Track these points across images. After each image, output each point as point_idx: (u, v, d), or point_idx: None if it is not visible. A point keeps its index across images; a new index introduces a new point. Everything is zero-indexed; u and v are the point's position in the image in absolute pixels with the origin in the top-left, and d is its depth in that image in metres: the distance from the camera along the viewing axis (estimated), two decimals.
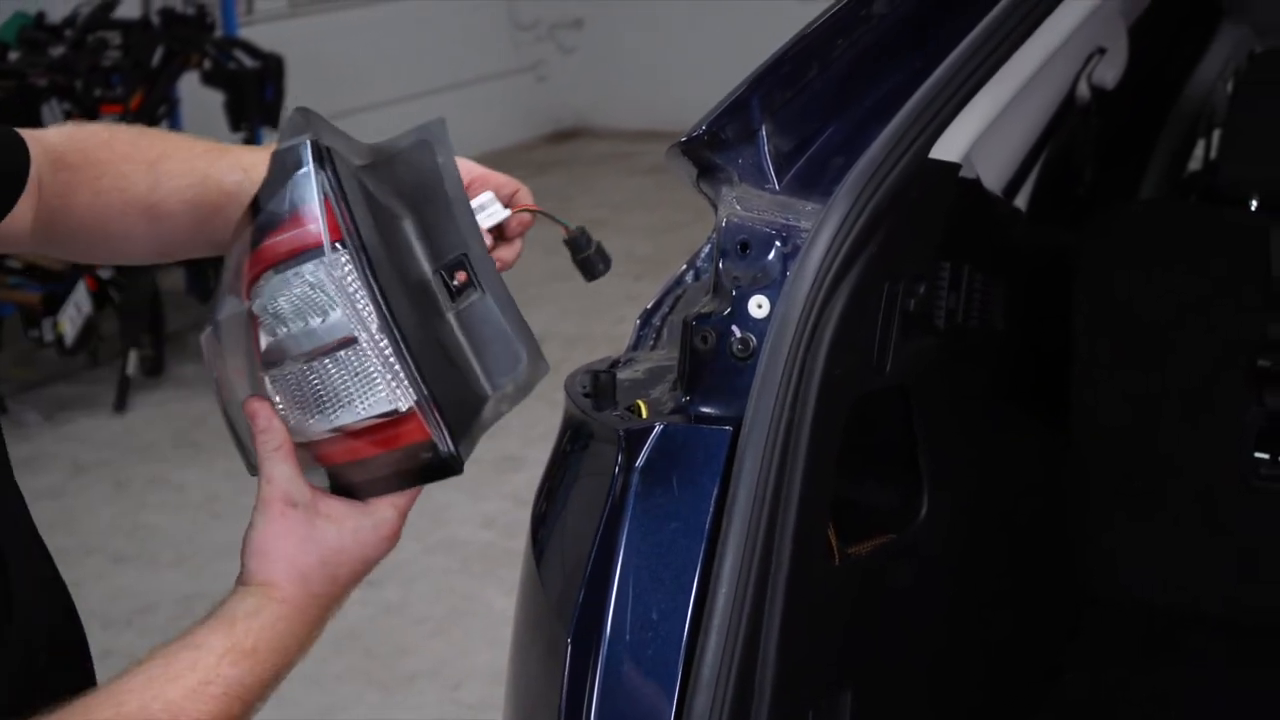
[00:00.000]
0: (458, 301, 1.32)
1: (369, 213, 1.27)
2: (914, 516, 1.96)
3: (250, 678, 1.28)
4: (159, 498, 5.38)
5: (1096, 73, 2.64)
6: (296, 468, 1.31)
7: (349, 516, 1.32)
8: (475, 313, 1.32)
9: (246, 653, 1.27)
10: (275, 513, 1.31)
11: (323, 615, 1.34)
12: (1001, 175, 2.50)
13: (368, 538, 1.32)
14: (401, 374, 1.23)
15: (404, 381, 1.23)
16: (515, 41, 10.97)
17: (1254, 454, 2.72)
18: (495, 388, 1.31)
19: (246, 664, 1.27)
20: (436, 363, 1.25)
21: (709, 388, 1.66)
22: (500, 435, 5.66)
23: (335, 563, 1.32)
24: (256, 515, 1.32)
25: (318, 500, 1.31)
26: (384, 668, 4.27)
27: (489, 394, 1.30)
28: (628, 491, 1.60)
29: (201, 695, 1.24)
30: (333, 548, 1.31)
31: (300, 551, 1.31)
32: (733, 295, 1.65)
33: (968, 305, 2.22)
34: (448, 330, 1.29)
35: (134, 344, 6.24)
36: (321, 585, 1.32)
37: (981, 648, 2.28)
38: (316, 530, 1.31)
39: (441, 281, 1.32)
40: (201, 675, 1.25)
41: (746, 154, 1.70)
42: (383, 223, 1.28)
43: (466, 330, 1.31)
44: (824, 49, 1.78)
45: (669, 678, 1.55)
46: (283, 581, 1.30)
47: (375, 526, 1.33)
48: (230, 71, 6.77)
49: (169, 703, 1.23)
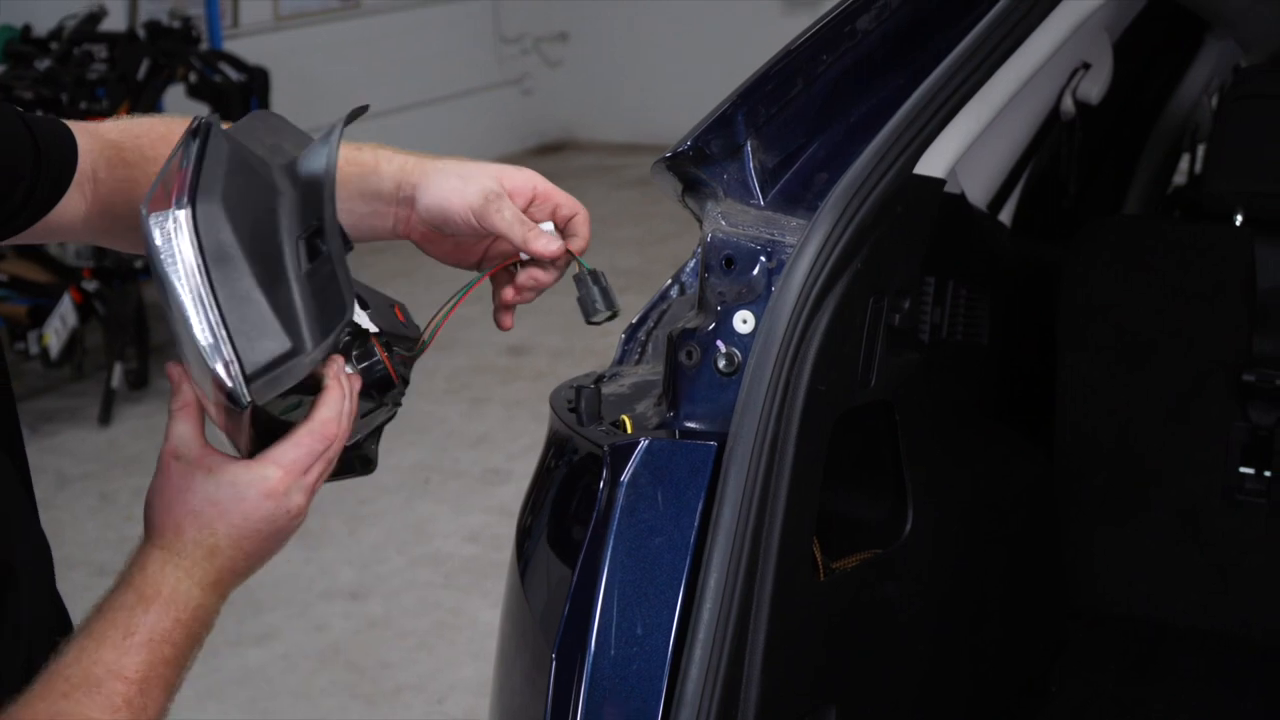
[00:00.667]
0: (307, 264, 1.38)
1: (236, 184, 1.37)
2: (899, 531, 1.96)
3: (166, 620, 1.34)
4: None
5: (1081, 87, 2.65)
6: (196, 427, 1.39)
7: (227, 470, 1.37)
8: (318, 274, 1.38)
9: (150, 598, 1.34)
10: (162, 466, 1.40)
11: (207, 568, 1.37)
12: (986, 190, 2.51)
13: (243, 491, 1.37)
14: (202, 321, 1.31)
15: (206, 328, 1.31)
16: (500, 55, 10.98)
17: (1239, 469, 2.72)
18: (316, 341, 1.36)
19: (155, 608, 1.34)
20: (246, 312, 1.32)
21: (694, 403, 1.66)
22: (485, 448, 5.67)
23: (209, 513, 1.37)
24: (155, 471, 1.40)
25: (205, 456, 1.38)
26: (369, 681, 4.26)
27: (308, 348, 1.35)
28: (613, 506, 1.60)
29: (129, 647, 1.31)
30: (206, 498, 1.37)
31: (176, 500, 1.37)
32: (718, 310, 1.65)
33: (952, 320, 2.22)
34: (286, 288, 1.36)
35: (119, 357, 6.23)
36: (197, 533, 1.36)
37: (967, 662, 2.28)
38: (194, 481, 1.37)
39: (301, 246, 1.39)
40: (122, 630, 1.32)
41: (731, 169, 1.71)
42: (249, 194, 1.38)
43: (308, 289, 1.37)
44: (809, 65, 1.78)
45: (653, 692, 1.55)
46: (159, 528, 1.38)
47: (252, 482, 1.37)
48: (216, 85, 6.77)
49: (107, 664, 1.30)
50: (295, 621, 4.46)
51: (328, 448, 1.40)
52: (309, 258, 1.39)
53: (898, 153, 1.66)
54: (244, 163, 1.40)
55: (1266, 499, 2.71)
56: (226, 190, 1.35)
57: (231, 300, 1.32)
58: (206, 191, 1.34)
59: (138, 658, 1.31)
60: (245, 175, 1.39)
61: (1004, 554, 2.42)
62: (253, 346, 1.32)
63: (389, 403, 1.51)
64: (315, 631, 4.48)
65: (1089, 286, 2.80)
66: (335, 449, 1.41)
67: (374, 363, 1.47)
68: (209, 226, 1.33)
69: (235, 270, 1.33)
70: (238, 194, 1.36)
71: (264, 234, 1.38)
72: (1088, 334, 2.80)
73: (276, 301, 1.35)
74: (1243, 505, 2.73)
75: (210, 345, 1.30)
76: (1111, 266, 2.80)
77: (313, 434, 1.38)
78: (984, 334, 2.38)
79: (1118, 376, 2.80)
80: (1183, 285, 2.76)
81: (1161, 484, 2.81)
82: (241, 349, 1.31)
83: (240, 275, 1.33)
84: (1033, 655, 2.64)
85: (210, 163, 1.36)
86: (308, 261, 1.38)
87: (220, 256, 1.32)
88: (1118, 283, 2.80)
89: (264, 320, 1.33)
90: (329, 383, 1.40)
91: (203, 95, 6.81)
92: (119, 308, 6.23)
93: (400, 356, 1.50)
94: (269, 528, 1.39)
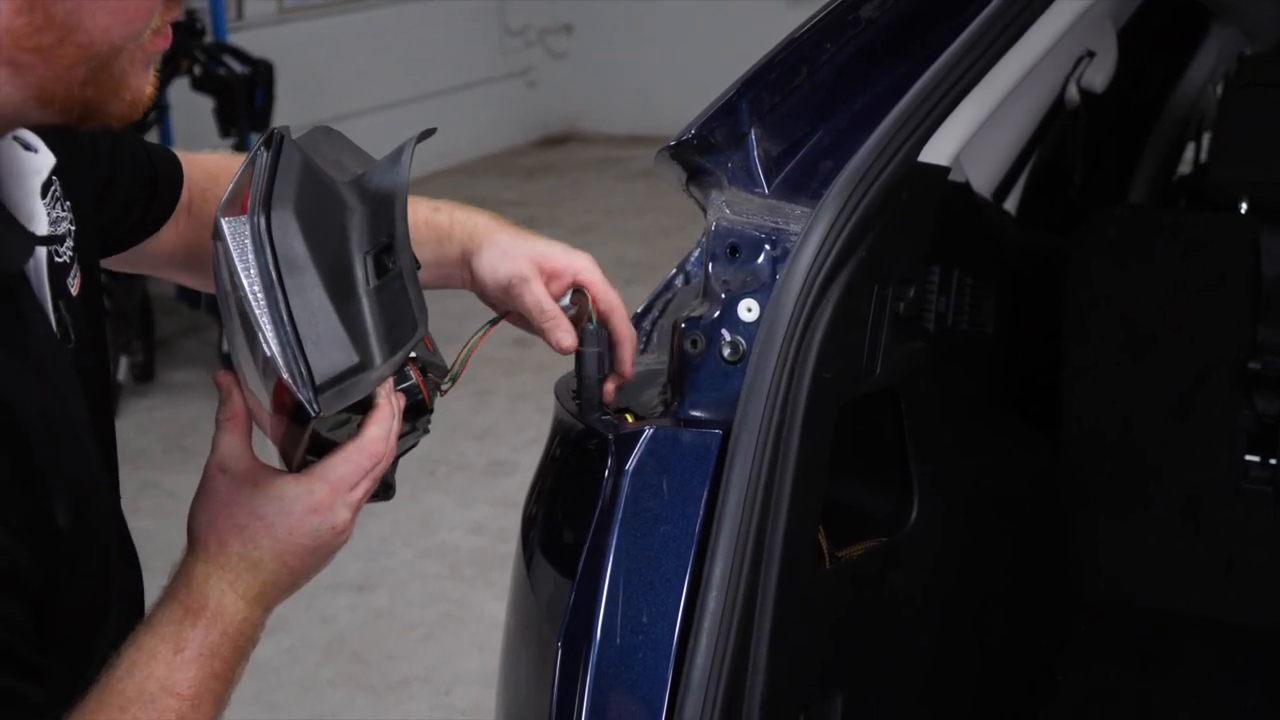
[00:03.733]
0: (376, 279, 1.38)
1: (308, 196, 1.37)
2: (905, 520, 1.96)
3: (213, 633, 1.34)
4: (150, 504, 5.37)
5: (1086, 76, 2.65)
6: (244, 438, 1.38)
7: (273, 484, 1.36)
8: (388, 290, 1.38)
9: (197, 612, 1.34)
10: (207, 477, 1.38)
11: (251, 582, 1.37)
12: (991, 178, 2.51)
13: (290, 506, 1.36)
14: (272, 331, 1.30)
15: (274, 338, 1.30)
16: (505, 47, 10.97)
17: (1244, 457, 2.72)
18: (384, 357, 1.36)
19: (203, 622, 1.34)
20: (318, 325, 1.32)
21: (699, 391, 1.66)
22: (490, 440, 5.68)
23: (253, 527, 1.36)
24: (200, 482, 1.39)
25: (251, 469, 1.37)
26: (375, 673, 4.26)
27: (376, 363, 1.34)
28: (618, 495, 1.60)
29: (180, 663, 1.31)
30: (253, 512, 1.36)
31: (221, 514, 1.36)
32: (722, 299, 1.65)
33: (957, 308, 2.22)
34: (357, 304, 1.36)
35: (124, 350, 6.22)
36: (241, 547, 1.36)
37: (973, 651, 2.28)
38: (239, 495, 1.36)
39: (369, 261, 1.39)
40: (172, 645, 1.32)
41: (736, 158, 1.71)
42: (322, 205, 1.38)
43: (377, 305, 1.37)
44: (813, 53, 1.78)
45: (659, 681, 1.55)
46: (204, 541, 1.37)
47: (298, 496, 1.36)
48: (220, 78, 6.76)
49: (160, 679, 1.30)
50: (301, 613, 4.46)
51: (375, 465, 1.39)
52: (377, 273, 1.38)
53: (902, 141, 1.66)
54: (314, 175, 1.40)
55: (1272, 486, 2.71)
56: (299, 201, 1.36)
57: (303, 310, 1.31)
58: (281, 200, 1.34)
59: (189, 673, 1.31)
60: (316, 187, 1.39)
61: (1009, 543, 2.42)
62: (322, 358, 1.31)
63: (419, 428, 1.51)
64: (321, 623, 4.48)
65: (1093, 276, 2.79)
66: (382, 467, 1.40)
67: (411, 386, 1.46)
68: (283, 235, 1.33)
69: (306, 280, 1.33)
70: (309, 205, 1.37)
71: (334, 247, 1.38)
72: (1092, 324, 2.80)
73: (346, 314, 1.34)
74: (1248, 494, 2.73)
75: (280, 354, 1.29)
76: (1116, 256, 2.80)
77: (361, 451, 1.38)
78: (989, 323, 2.38)
79: (1122, 366, 2.80)
80: (1187, 274, 2.76)
81: (1166, 474, 2.81)
82: (312, 360, 1.30)
83: (311, 286, 1.33)
84: (1038, 645, 2.64)
85: (283, 173, 1.36)
86: (376, 277, 1.38)
87: (292, 266, 1.32)
88: (1122, 272, 2.80)
89: (334, 332, 1.33)
90: (380, 401, 1.39)
91: (207, 88, 6.80)
92: (124, 301, 6.23)
93: (433, 382, 1.49)
94: (313, 542, 1.38)
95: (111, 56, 1.21)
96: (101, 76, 1.21)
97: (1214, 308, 2.74)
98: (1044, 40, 1.86)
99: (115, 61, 1.21)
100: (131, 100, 1.25)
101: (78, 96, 1.21)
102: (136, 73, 1.24)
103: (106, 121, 1.26)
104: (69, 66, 1.19)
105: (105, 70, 1.21)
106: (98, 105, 1.24)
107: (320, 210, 1.38)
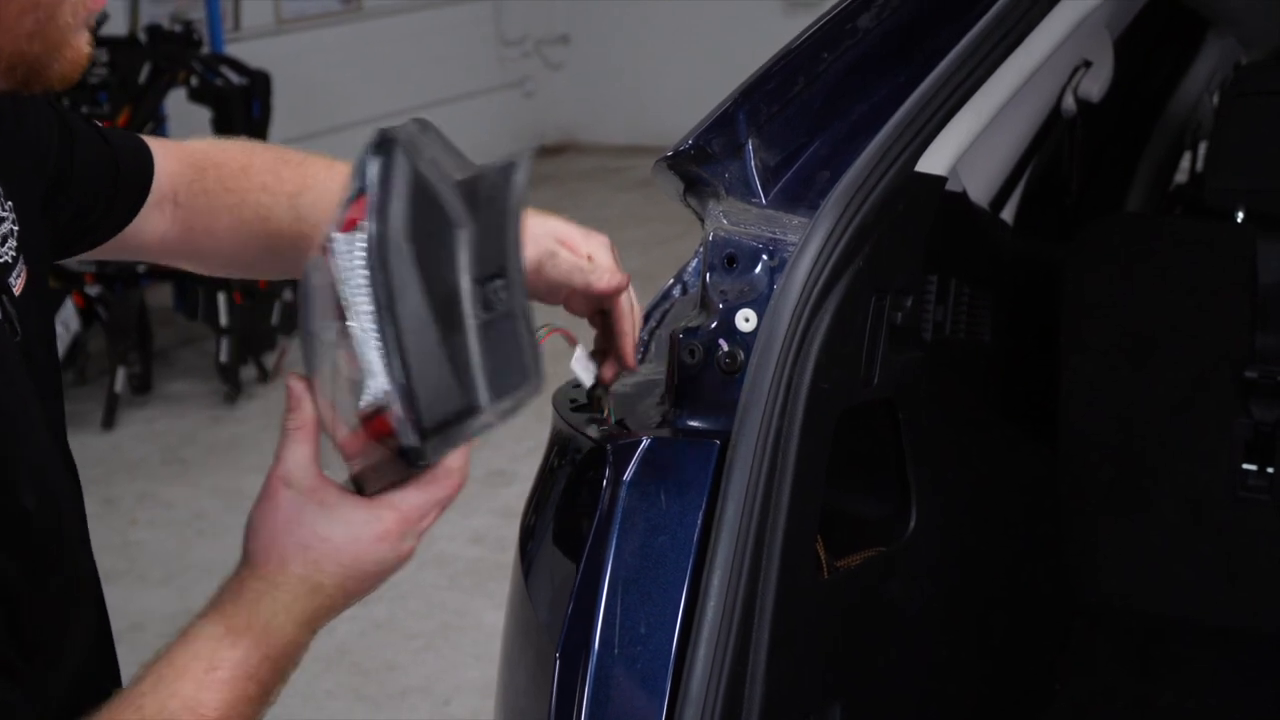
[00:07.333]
0: (484, 314, 1.32)
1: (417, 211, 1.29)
2: (903, 529, 1.96)
3: (254, 655, 1.28)
4: (147, 515, 5.38)
5: (1082, 86, 2.65)
6: (312, 452, 1.31)
7: (341, 507, 1.31)
8: (497, 328, 1.32)
9: (241, 631, 1.28)
10: (270, 491, 1.31)
11: (306, 605, 1.32)
12: (988, 188, 2.51)
13: (358, 532, 1.30)
14: (382, 362, 1.23)
15: (382, 369, 1.23)
16: (502, 57, 10.98)
17: (1241, 465, 2.73)
18: (491, 401, 1.30)
19: (245, 642, 1.28)
20: (428, 359, 1.25)
21: (696, 401, 1.66)
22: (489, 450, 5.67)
23: (319, 550, 1.30)
24: (260, 492, 1.32)
25: (318, 487, 1.31)
26: (374, 683, 4.26)
27: (483, 405, 1.29)
28: (616, 505, 1.60)
29: (210, 683, 1.25)
30: (317, 533, 1.30)
31: (284, 531, 1.30)
32: (720, 309, 1.65)
33: (955, 318, 2.22)
34: (462, 338, 1.29)
35: (122, 361, 6.23)
36: (302, 568, 1.30)
37: (972, 659, 2.28)
38: (305, 514, 1.30)
39: (476, 292, 1.32)
40: (205, 663, 1.26)
41: (733, 168, 1.71)
42: (430, 225, 1.30)
43: (483, 342, 1.30)
44: (810, 63, 1.78)
45: (658, 691, 1.55)
46: (263, 557, 1.30)
47: (367, 522, 1.31)
48: (217, 88, 6.76)
49: (185, 697, 1.24)
50: None
51: (448, 497, 1.34)
52: (485, 306, 1.32)
53: (899, 151, 1.66)
54: (424, 187, 1.32)
55: (1269, 495, 2.71)
56: (411, 217, 1.28)
57: (413, 342, 1.24)
58: (394, 217, 1.27)
59: (219, 694, 1.25)
60: (426, 201, 1.31)
61: (1008, 551, 2.42)
62: (432, 399, 1.24)
63: None
64: (321, 634, 4.46)
65: (1091, 285, 2.80)
66: (452, 498, 1.35)
67: None
68: (397, 257, 1.25)
69: (417, 308, 1.25)
70: (421, 222, 1.29)
71: (442, 270, 1.30)
72: (1090, 333, 2.80)
73: (452, 348, 1.28)
74: (1245, 501, 2.73)
75: (388, 388, 1.23)
76: (1113, 265, 2.80)
77: (437, 483, 1.32)
78: (987, 332, 2.39)
79: (1120, 375, 2.80)
80: (1184, 283, 2.76)
81: (1164, 481, 2.81)
82: (422, 400, 1.23)
83: (421, 314, 1.25)
84: (1038, 652, 2.64)
85: (396, 185, 1.28)
86: (484, 310, 1.31)
87: (403, 291, 1.25)
88: (1120, 281, 2.80)
89: (443, 370, 1.26)
90: None
91: (204, 99, 6.80)
92: (121, 312, 6.23)
93: None
94: (377, 569, 1.33)
95: (56, 5, 1.21)
96: (48, 30, 1.21)
97: (1211, 316, 2.74)
98: (1041, 50, 1.86)
99: (59, 12, 1.22)
100: (73, 59, 1.24)
101: (25, 52, 1.21)
102: (78, 30, 1.24)
103: (49, 83, 1.24)
104: (17, 16, 1.19)
105: (51, 23, 1.21)
106: (42, 64, 1.23)
107: (430, 228, 1.30)
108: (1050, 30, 1.85)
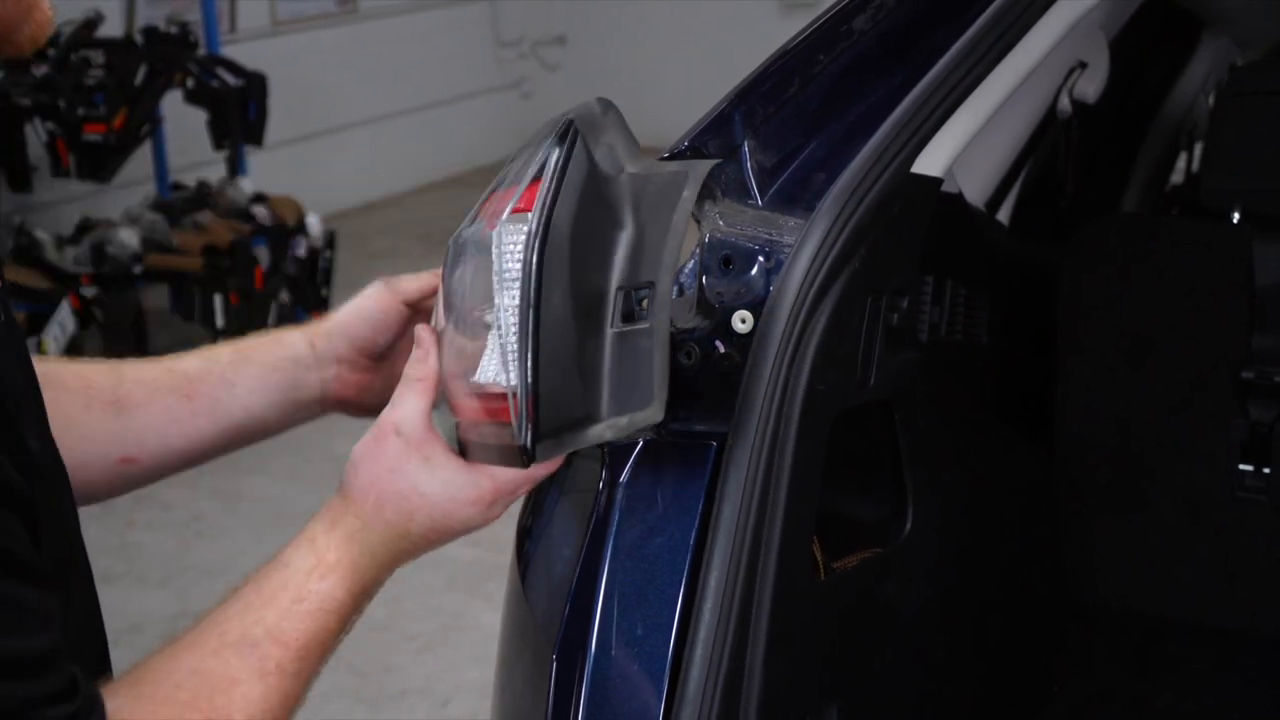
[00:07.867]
0: (624, 324, 1.34)
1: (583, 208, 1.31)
2: (899, 530, 1.96)
3: (340, 590, 1.33)
4: (145, 516, 5.37)
5: (1078, 87, 2.65)
6: (426, 404, 1.37)
7: (444, 466, 1.36)
8: (632, 341, 1.34)
9: (331, 566, 1.33)
10: (380, 434, 1.37)
11: (392, 548, 1.37)
12: (984, 189, 2.51)
13: (455, 493, 1.36)
14: (515, 355, 1.26)
15: (513, 363, 1.26)
16: (498, 59, 10.97)
17: (1238, 466, 2.73)
18: (610, 414, 1.33)
19: (333, 577, 1.33)
20: (560, 363, 1.27)
21: (693, 403, 1.66)
22: None
23: (414, 502, 1.36)
24: (370, 431, 1.38)
25: (426, 441, 1.36)
26: (372, 685, 4.26)
27: (602, 417, 1.31)
28: (612, 507, 1.60)
29: (296, 614, 1.30)
30: (415, 486, 1.35)
31: (385, 476, 1.36)
32: (716, 310, 1.65)
33: (951, 319, 2.22)
34: (597, 344, 1.32)
35: None
36: (395, 515, 1.36)
37: (969, 660, 2.28)
38: (408, 464, 1.35)
39: (620, 299, 1.34)
40: (293, 594, 1.31)
41: (729, 169, 1.71)
42: (594, 222, 1.32)
43: (616, 353, 1.33)
44: (806, 64, 1.78)
45: (654, 692, 1.55)
46: (360, 495, 1.36)
47: (464, 486, 1.36)
48: (213, 90, 6.77)
49: (268, 625, 1.29)
50: None
51: (543, 474, 1.42)
52: (625, 317, 1.33)
53: (895, 152, 1.66)
54: (597, 183, 1.34)
55: (1267, 495, 2.71)
56: (578, 214, 1.30)
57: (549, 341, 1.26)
58: (561, 215, 1.28)
59: (302, 625, 1.30)
60: (596, 197, 1.33)
61: (1004, 552, 2.42)
62: (553, 405, 1.27)
63: None
64: None
65: (1087, 286, 2.80)
66: (547, 474, 1.42)
67: None
68: (554, 254, 1.27)
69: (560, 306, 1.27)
70: (586, 219, 1.31)
71: (594, 270, 1.32)
72: (1086, 334, 2.80)
73: (584, 353, 1.30)
74: (1243, 502, 2.73)
75: (513, 382, 1.26)
76: (1109, 265, 2.80)
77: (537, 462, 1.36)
78: (983, 333, 2.38)
79: (1117, 376, 2.80)
80: (1181, 283, 2.76)
81: (1162, 482, 2.81)
82: (543, 403, 1.26)
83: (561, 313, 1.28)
84: (1035, 654, 2.64)
85: (570, 179, 1.31)
86: (623, 320, 1.33)
87: (551, 288, 1.27)
88: (1116, 282, 2.80)
89: (570, 376, 1.28)
90: None
91: (200, 100, 6.81)
92: (117, 314, 6.23)
93: None
94: (461, 528, 1.39)
95: None
96: None
97: (1208, 317, 2.74)
98: (1036, 51, 1.86)
99: None
100: (40, 22, 1.25)
101: None
102: None
103: (19, 46, 1.25)
104: None
105: None
106: (12, 26, 1.24)
107: (593, 225, 1.32)
108: (1046, 31, 1.85)
